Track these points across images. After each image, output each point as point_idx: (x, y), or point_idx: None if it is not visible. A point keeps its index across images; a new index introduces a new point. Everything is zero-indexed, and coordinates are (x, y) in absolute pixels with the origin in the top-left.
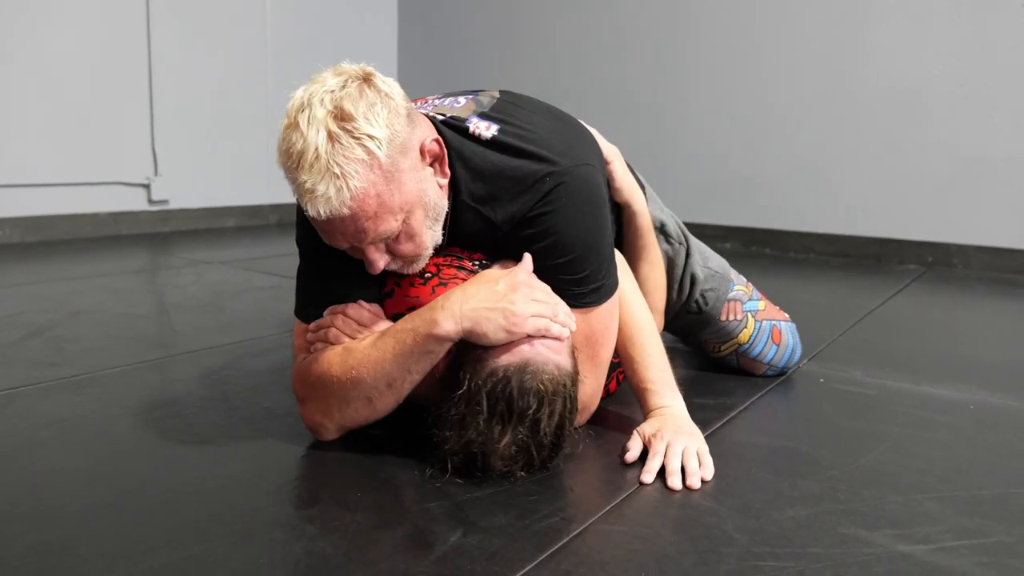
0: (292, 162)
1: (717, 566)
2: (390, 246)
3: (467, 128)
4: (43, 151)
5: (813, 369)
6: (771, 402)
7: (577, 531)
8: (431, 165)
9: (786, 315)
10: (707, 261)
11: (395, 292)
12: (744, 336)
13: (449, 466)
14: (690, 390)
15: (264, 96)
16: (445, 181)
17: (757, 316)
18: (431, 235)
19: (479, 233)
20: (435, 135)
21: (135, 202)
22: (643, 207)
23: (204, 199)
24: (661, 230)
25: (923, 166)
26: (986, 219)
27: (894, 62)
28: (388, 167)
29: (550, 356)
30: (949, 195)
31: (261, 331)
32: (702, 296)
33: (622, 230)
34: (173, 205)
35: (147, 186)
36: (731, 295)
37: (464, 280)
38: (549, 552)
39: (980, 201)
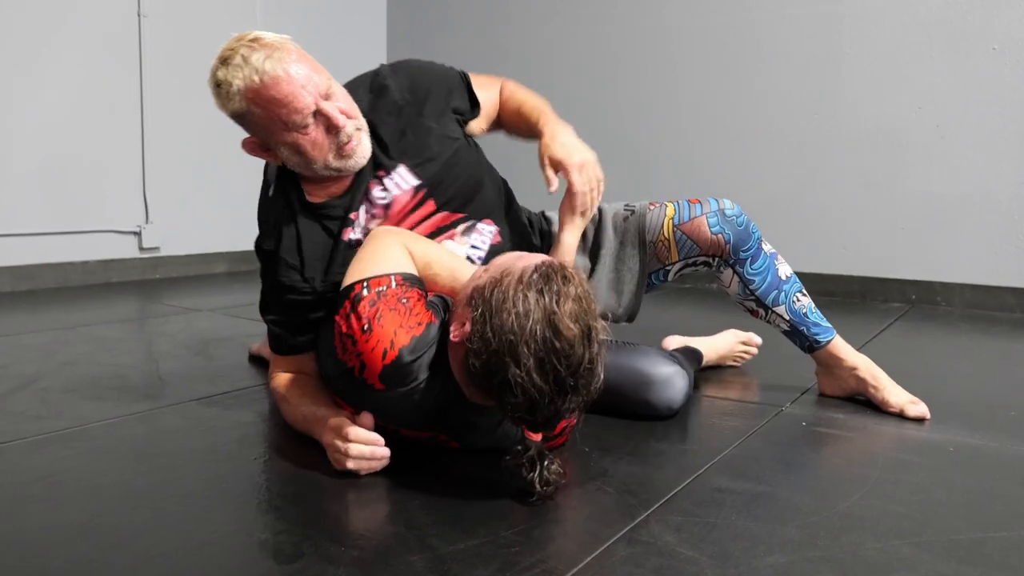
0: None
1: None
2: (338, 107)
3: None
4: (34, 200)
5: (796, 412)
6: (752, 447)
7: None
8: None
9: None
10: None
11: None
12: (671, 211)
13: (510, 406)
14: (673, 435)
15: None
16: None
17: (671, 200)
18: (355, 105)
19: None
20: None
21: (126, 250)
22: (575, 239)
23: (194, 246)
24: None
25: (904, 205)
26: (968, 257)
27: (871, 103)
28: (300, 51)
29: (526, 262)
30: (931, 233)
31: (249, 380)
32: (627, 205)
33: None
34: (164, 252)
35: (138, 233)
36: (648, 202)
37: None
38: None
39: (961, 239)
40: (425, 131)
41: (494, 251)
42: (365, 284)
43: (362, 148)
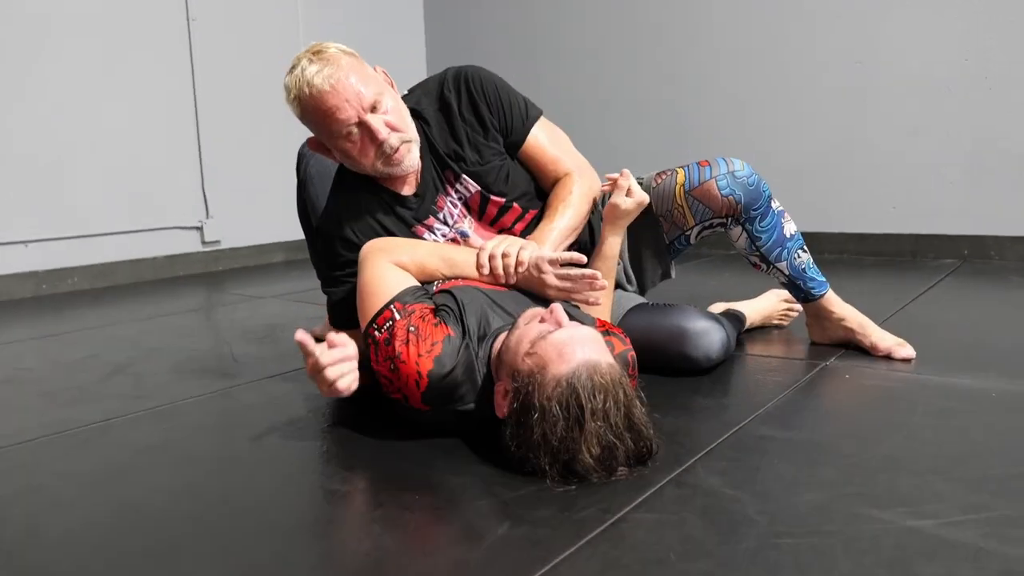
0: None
1: (737, 545)
2: (385, 120)
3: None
4: (104, 203)
5: (839, 365)
6: (795, 399)
7: (612, 520)
8: (390, 86)
9: None
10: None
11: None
12: (681, 178)
13: (548, 482)
14: (719, 391)
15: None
16: (398, 95)
17: (680, 166)
18: (409, 119)
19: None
20: (383, 71)
21: (190, 244)
22: (618, 243)
23: (253, 237)
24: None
25: (952, 160)
26: (1020, 209)
27: (917, 54)
28: (356, 58)
29: (599, 357)
30: (981, 187)
31: None
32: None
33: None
34: (224, 245)
35: (200, 228)
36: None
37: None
38: (587, 539)
39: (1012, 192)
40: (483, 147)
41: None
42: (375, 326)
43: (409, 158)
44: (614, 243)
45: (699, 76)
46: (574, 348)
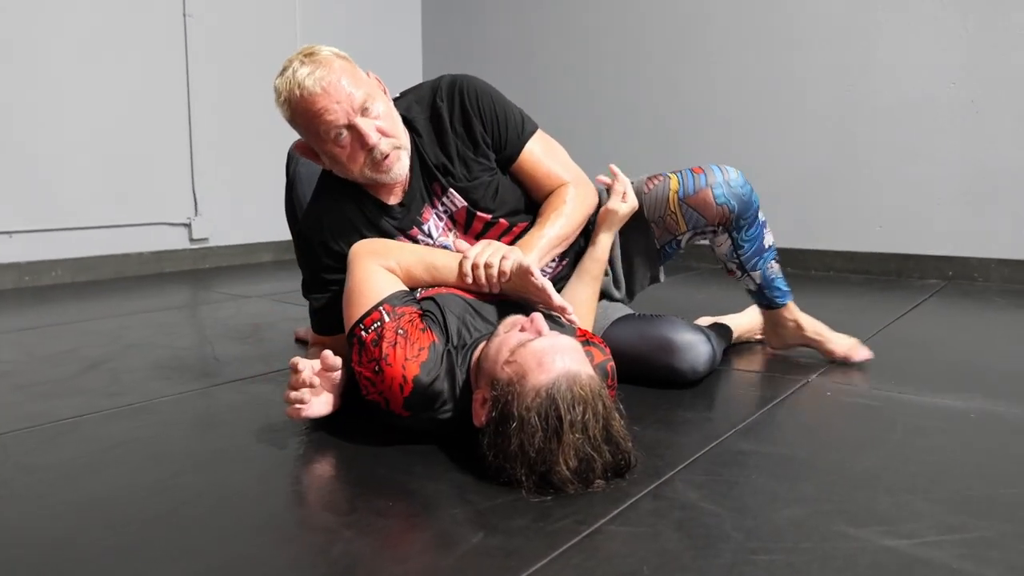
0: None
1: (713, 560)
2: (376, 124)
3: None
4: (91, 196)
5: (821, 383)
6: (776, 414)
7: (587, 532)
8: (383, 91)
9: None
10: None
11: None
12: (674, 184)
13: (524, 492)
14: (701, 404)
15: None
16: (391, 101)
17: (674, 171)
18: (400, 126)
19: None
20: (376, 76)
21: (177, 241)
22: (609, 243)
23: (241, 236)
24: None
25: (939, 181)
26: (1005, 232)
27: (905, 78)
28: (348, 61)
29: (579, 367)
30: (967, 209)
31: None
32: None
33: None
34: (212, 243)
35: (188, 225)
36: (649, 175)
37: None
38: (561, 550)
39: (998, 214)
40: (472, 163)
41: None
42: (362, 326)
43: (399, 165)
44: (605, 244)
45: (693, 94)
46: (554, 358)
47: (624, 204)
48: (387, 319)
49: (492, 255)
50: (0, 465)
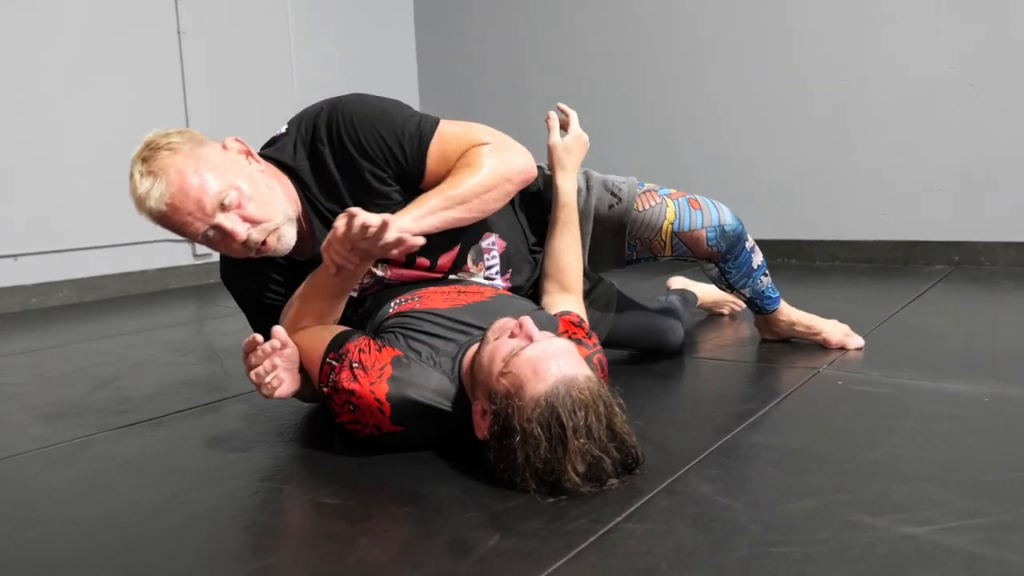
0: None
1: (730, 554)
2: (242, 214)
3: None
4: (94, 216)
5: (832, 373)
6: (788, 407)
7: (602, 530)
8: (247, 158)
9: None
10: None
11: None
12: (671, 214)
13: (537, 497)
14: (711, 399)
15: None
16: (262, 166)
17: (672, 196)
18: (273, 201)
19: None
20: (236, 138)
21: (181, 257)
22: (570, 187)
23: None
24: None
25: (941, 167)
26: (1010, 215)
27: (903, 64)
28: (190, 152)
29: (576, 370)
30: (970, 194)
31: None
32: (615, 187)
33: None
34: (215, 257)
35: (192, 242)
36: (644, 189)
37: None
38: (578, 550)
39: (1001, 197)
40: (366, 201)
41: (507, 257)
42: (322, 383)
43: (282, 242)
44: (567, 188)
45: (691, 86)
46: (549, 364)
47: (567, 136)
48: (336, 364)
49: (366, 215)
50: (14, 486)
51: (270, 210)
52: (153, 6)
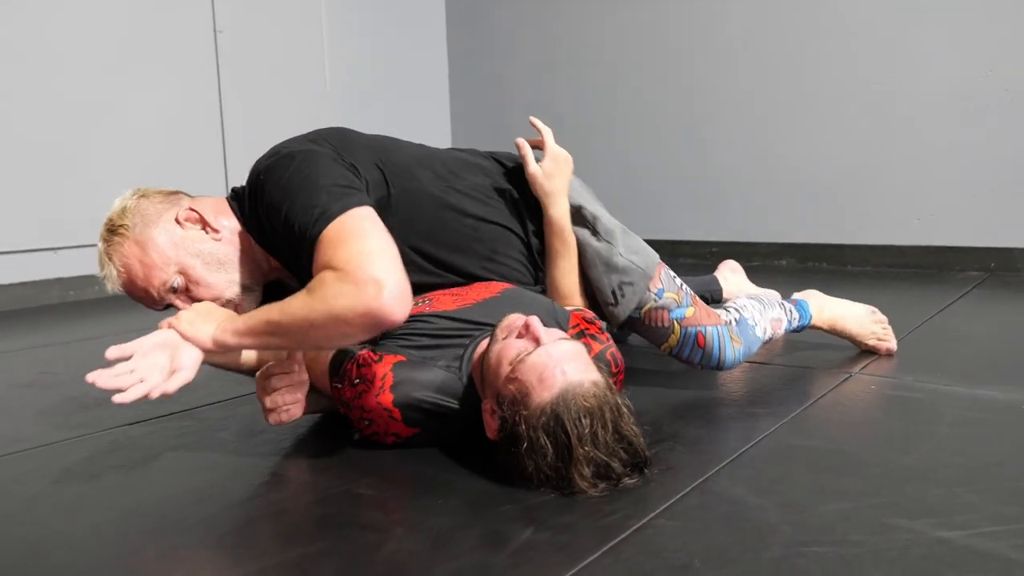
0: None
1: (763, 553)
2: (190, 295)
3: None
4: None
5: (865, 377)
6: (821, 409)
7: (636, 526)
8: (202, 229)
9: (720, 319)
10: (632, 256)
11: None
12: (673, 340)
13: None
14: (744, 400)
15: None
16: (219, 235)
17: (683, 323)
18: (223, 278)
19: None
20: (190, 208)
21: None
22: (562, 212)
23: None
24: (593, 225)
25: (976, 172)
26: None
27: (938, 69)
28: (137, 236)
29: (581, 376)
30: (1007, 199)
31: None
32: (619, 287)
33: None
34: None
35: None
36: (659, 303)
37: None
38: (611, 544)
39: None
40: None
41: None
42: (337, 406)
43: (242, 307)
44: (555, 215)
45: (725, 86)
46: (554, 371)
47: (543, 160)
48: (339, 386)
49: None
50: (54, 473)
51: (217, 289)
52: (190, 4)
